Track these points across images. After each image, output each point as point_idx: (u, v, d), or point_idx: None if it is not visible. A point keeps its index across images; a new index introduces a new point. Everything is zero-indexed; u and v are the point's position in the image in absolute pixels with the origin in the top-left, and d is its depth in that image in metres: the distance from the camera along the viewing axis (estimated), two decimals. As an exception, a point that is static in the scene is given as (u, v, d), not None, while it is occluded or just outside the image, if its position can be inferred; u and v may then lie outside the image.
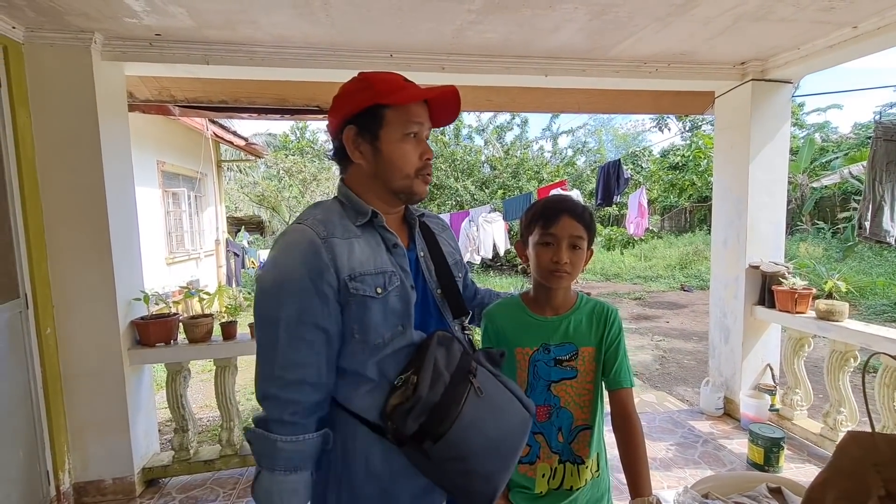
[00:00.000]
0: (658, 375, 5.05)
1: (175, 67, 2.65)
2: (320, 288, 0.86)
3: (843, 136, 14.02)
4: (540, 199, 1.25)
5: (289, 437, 0.86)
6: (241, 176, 14.49)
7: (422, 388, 0.85)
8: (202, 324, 2.67)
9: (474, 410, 0.87)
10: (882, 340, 2.46)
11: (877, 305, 7.52)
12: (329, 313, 0.87)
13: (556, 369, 1.18)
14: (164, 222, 6.68)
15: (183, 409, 2.71)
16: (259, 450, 0.88)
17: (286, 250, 0.89)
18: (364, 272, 0.89)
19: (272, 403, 0.87)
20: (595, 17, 2.28)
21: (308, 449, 0.88)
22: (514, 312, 1.23)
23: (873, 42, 2.46)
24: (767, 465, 2.64)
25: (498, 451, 0.90)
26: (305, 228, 0.89)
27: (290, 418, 0.86)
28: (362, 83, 0.96)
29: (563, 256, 1.11)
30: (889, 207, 2.60)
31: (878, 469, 0.72)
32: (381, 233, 0.96)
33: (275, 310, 0.86)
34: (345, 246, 0.89)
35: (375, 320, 0.89)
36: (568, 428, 1.19)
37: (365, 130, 0.94)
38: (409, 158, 0.95)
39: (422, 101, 0.97)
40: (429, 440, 0.83)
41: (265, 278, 0.89)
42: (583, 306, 1.22)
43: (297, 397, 0.87)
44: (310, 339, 0.86)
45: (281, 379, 0.86)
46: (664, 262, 12.61)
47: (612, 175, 4.86)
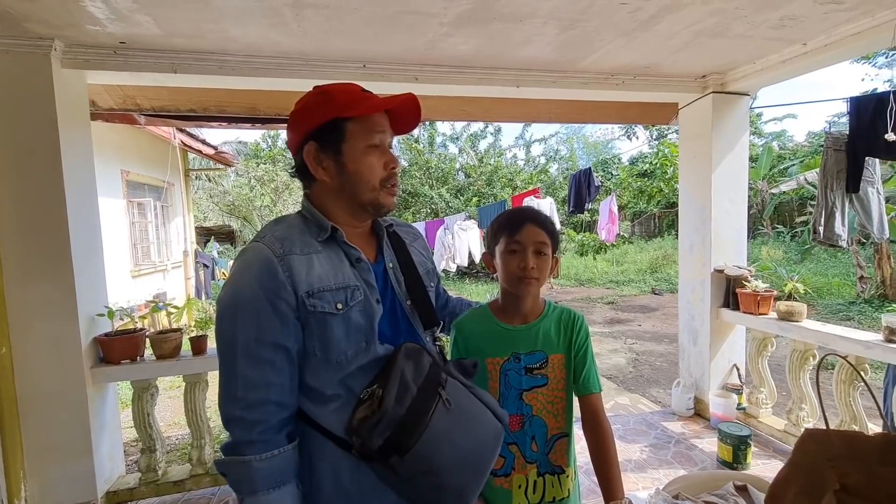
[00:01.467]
0: (632, 378, 5.17)
1: (141, 76, 2.58)
2: (277, 306, 0.84)
3: (799, 145, 14.81)
4: (503, 212, 1.28)
5: (262, 454, 0.84)
6: (211, 185, 14.13)
7: (387, 401, 0.83)
8: (170, 339, 2.59)
9: (443, 423, 0.86)
10: (837, 339, 2.59)
11: (832, 305, 7.92)
12: (289, 332, 0.86)
13: (527, 377, 1.19)
14: (128, 233, 6.44)
15: (150, 428, 2.61)
16: (236, 478, 0.85)
17: (242, 270, 0.88)
18: (323, 288, 0.88)
19: (238, 426, 0.85)
20: (563, 31, 2.35)
21: (285, 463, 0.86)
22: (482, 322, 1.24)
23: (822, 58, 2.62)
24: (736, 463, 2.73)
25: (469, 464, 0.89)
26: (262, 247, 0.88)
27: (258, 437, 0.85)
28: (320, 96, 0.94)
29: (530, 262, 1.13)
30: (840, 213, 2.76)
31: (832, 464, 0.76)
32: (344, 248, 0.94)
33: (232, 331, 0.85)
34: (303, 262, 0.88)
35: (337, 337, 0.88)
36: (543, 437, 1.20)
37: (327, 146, 0.92)
38: (374, 170, 0.94)
39: (382, 111, 0.96)
40: (395, 455, 0.82)
41: (222, 299, 0.88)
42: (550, 314, 1.24)
43: (262, 417, 0.85)
44: (269, 359, 0.85)
45: (244, 400, 0.84)
46: (635, 266, 12.95)
47: (584, 183, 4.98)
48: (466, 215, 6.51)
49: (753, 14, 2.24)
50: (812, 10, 2.21)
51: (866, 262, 8.12)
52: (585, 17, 2.21)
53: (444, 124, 14.72)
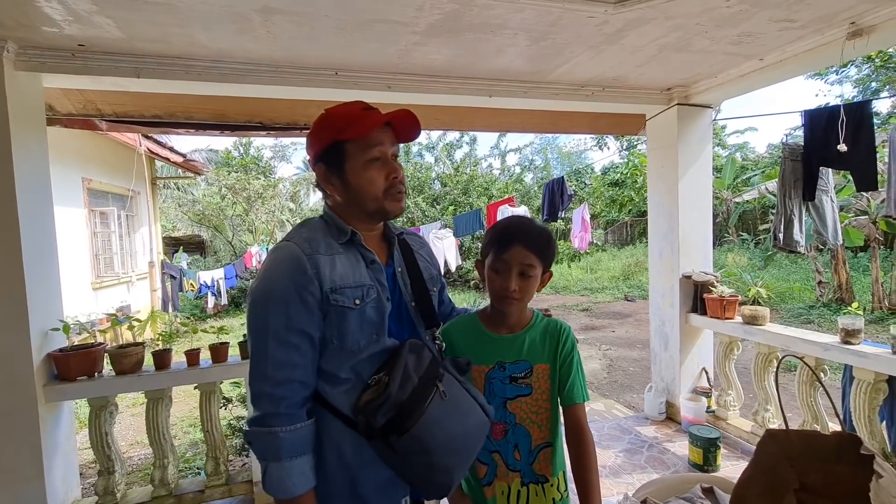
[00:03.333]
0: (606, 384, 5.24)
1: (101, 80, 2.49)
2: (305, 298, 0.96)
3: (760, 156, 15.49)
4: (499, 222, 1.27)
5: (287, 426, 0.95)
6: (180, 194, 13.73)
7: (392, 387, 0.95)
8: (131, 353, 2.47)
9: (438, 411, 0.97)
10: (798, 341, 2.69)
11: (794, 309, 8.26)
12: (313, 321, 0.97)
13: (512, 386, 1.19)
14: (89, 244, 6.17)
15: (108, 449, 2.47)
16: (262, 446, 0.96)
17: (275, 265, 1.00)
18: (344, 285, 0.99)
19: (268, 400, 0.96)
20: (534, 42, 2.40)
21: (306, 435, 0.98)
22: (470, 330, 1.25)
23: (777, 73, 2.75)
24: (706, 465, 2.78)
25: (457, 448, 1.01)
26: (293, 245, 1.00)
27: (285, 411, 0.96)
28: (322, 122, 1.06)
29: (512, 285, 1.13)
30: (798, 220, 2.89)
31: (792, 463, 0.78)
32: (361, 251, 1.06)
33: (264, 318, 0.97)
34: (327, 261, 1.00)
35: (352, 328, 0.99)
36: (527, 447, 1.20)
37: (332, 166, 1.05)
38: (375, 183, 1.04)
39: (382, 125, 1.05)
40: (395, 434, 0.93)
41: (256, 290, 0.99)
42: (537, 324, 1.25)
43: (288, 394, 0.96)
44: (296, 343, 0.96)
45: (273, 378, 0.95)
46: (609, 273, 13.22)
47: (557, 192, 5.07)
48: (442, 224, 6.52)
49: (713, 30, 2.33)
50: (767, 27, 2.32)
51: (824, 268, 8.51)
52: (555, 29, 2.25)
53: (419, 134, 14.75)
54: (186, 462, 3.60)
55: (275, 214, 12.27)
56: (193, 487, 2.63)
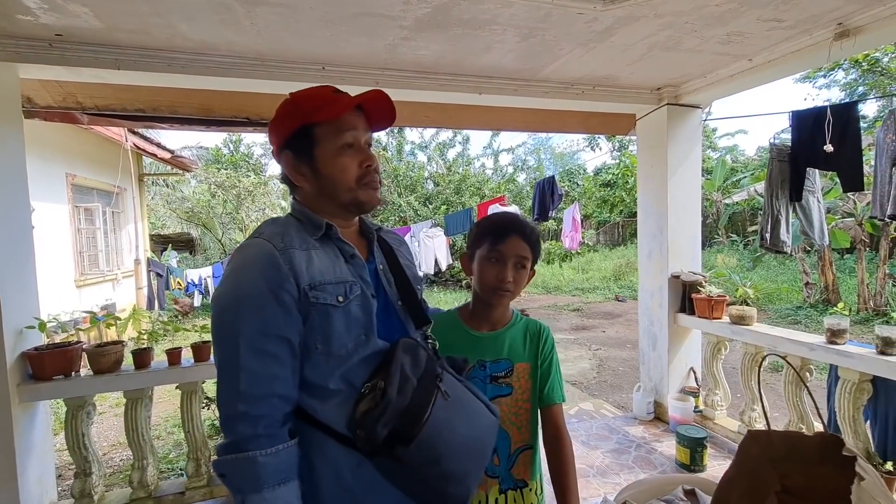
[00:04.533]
0: (595, 384, 5.24)
1: (80, 71, 2.43)
2: (281, 298, 0.85)
3: (750, 158, 15.65)
4: (491, 215, 1.26)
5: (267, 448, 0.82)
6: (169, 191, 13.55)
7: (390, 392, 0.85)
8: (109, 352, 2.41)
9: (444, 412, 0.88)
10: (785, 341, 2.70)
11: (782, 310, 8.33)
12: (292, 323, 0.86)
13: (492, 386, 1.17)
14: (73, 241, 6.05)
15: (85, 450, 2.41)
16: (238, 476, 0.82)
17: (243, 264, 0.88)
18: (325, 281, 0.89)
19: (242, 421, 0.83)
20: (523, 39, 2.37)
21: (289, 458, 0.85)
22: (449, 328, 1.23)
23: (766, 73, 2.76)
24: (693, 465, 2.78)
25: (470, 451, 0.92)
26: (262, 241, 0.89)
27: (263, 431, 0.83)
28: (289, 105, 0.97)
29: (508, 275, 1.13)
30: (785, 220, 2.90)
31: (774, 465, 0.76)
32: (339, 244, 0.97)
33: (234, 325, 0.84)
34: (303, 256, 0.89)
35: (338, 330, 0.89)
36: (506, 451, 1.18)
37: (301, 153, 0.95)
38: (348, 170, 0.95)
39: (354, 109, 0.97)
40: (401, 445, 0.83)
41: (222, 294, 0.87)
42: (518, 323, 1.24)
43: (267, 411, 0.84)
44: (274, 352, 0.85)
45: (248, 394, 0.83)
46: (600, 273, 13.27)
47: (547, 191, 5.06)
48: (433, 223, 6.49)
49: (703, 29, 2.32)
50: (756, 27, 2.32)
51: (811, 269, 8.61)
52: (544, 25, 2.23)
53: (412, 132, 14.71)
54: (170, 463, 3.53)
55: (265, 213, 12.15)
56: (174, 489, 2.57)
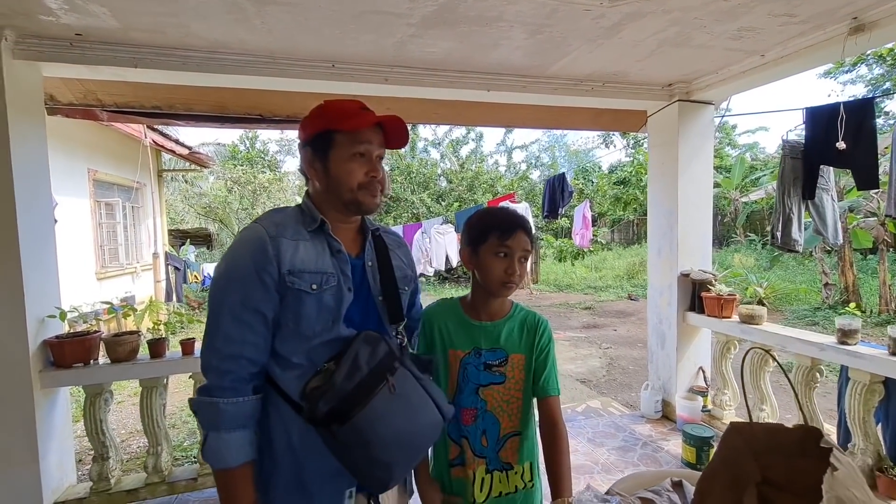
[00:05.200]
0: (604, 382, 5.22)
1: (100, 70, 2.51)
2: (263, 278, 0.98)
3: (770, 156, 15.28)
4: (489, 210, 1.29)
5: (229, 398, 0.97)
6: (187, 186, 13.83)
7: (337, 375, 0.96)
8: (126, 342, 2.50)
9: (384, 405, 0.98)
10: (794, 341, 2.66)
11: (799, 310, 8.16)
12: (269, 300, 0.99)
13: (486, 373, 1.21)
14: (94, 234, 6.24)
15: (103, 436, 2.51)
16: (204, 415, 0.99)
17: (239, 245, 1.03)
18: (303, 270, 1.01)
19: (213, 372, 0.99)
20: (531, 35, 2.38)
21: (248, 409, 0.99)
22: (450, 314, 1.28)
23: (779, 69, 2.71)
24: (699, 464, 2.76)
25: (401, 444, 1.00)
26: (259, 227, 1.03)
27: (229, 384, 0.98)
28: (319, 110, 1.10)
29: (517, 269, 1.18)
30: (797, 219, 2.84)
31: (756, 457, 0.77)
32: (328, 239, 1.08)
33: (222, 294, 1.00)
34: (291, 245, 1.02)
35: (308, 313, 1.01)
36: (495, 435, 1.21)
37: (318, 152, 1.08)
38: (353, 175, 1.06)
39: (374, 126, 1.09)
40: (336, 423, 0.94)
41: (218, 268, 1.03)
42: (516, 315, 1.27)
43: (234, 368, 0.98)
44: (249, 321, 0.99)
45: (220, 351, 0.98)
46: (613, 272, 13.14)
47: (558, 188, 5.03)
48: (444, 219, 6.51)
49: (712, 24, 2.30)
50: (768, 22, 2.28)
51: (831, 270, 8.40)
52: (551, 22, 2.23)
53: (425, 129, 14.74)
54: (184, 451, 3.64)
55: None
56: (187, 475, 2.66)
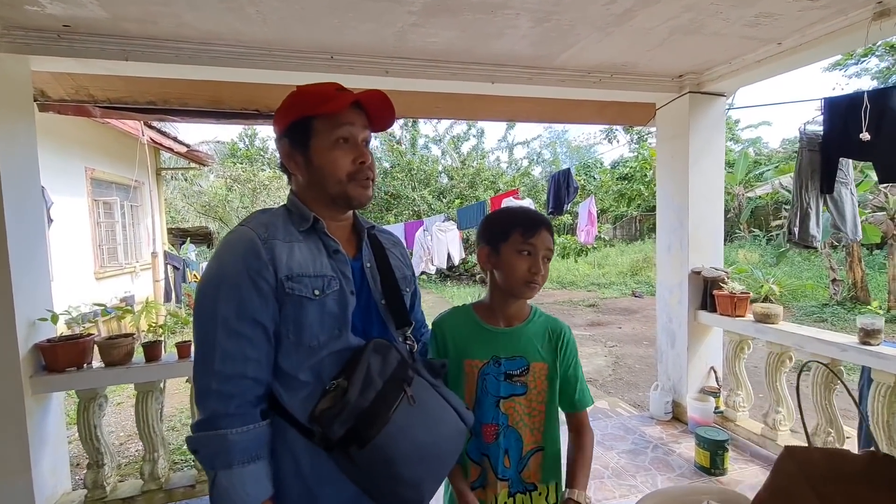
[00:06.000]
0: (611, 381, 5.13)
1: (90, 63, 2.41)
2: (259, 284, 0.87)
3: (774, 151, 15.13)
4: (508, 208, 1.22)
5: (239, 427, 0.85)
6: (186, 185, 13.76)
7: (351, 392, 0.86)
8: (120, 345, 2.41)
9: (405, 418, 0.88)
10: (813, 341, 2.56)
11: (806, 307, 8.05)
12: (268, 309, 0.88)
13: (506, 384, 1.13)
14: (92, 234, 6.16)
15: (97, 442, 2.43)
16: (210, 452, 0.85)
17: (227, 249, 0.91)
18: (302, 274, 0.91)
19: (215, 398, 0.86)
20: (537, 23, 2.27)
21: (261, 437, 0.88)
22: (465, 321, 1.19)
23: (796, 58, 2.60)
24: (714, 468, 2.67)
25: (427, 459, 0.91)
26: (247, 230, 0.92)
27: (235, 410, 0.86)
28: (293, 97, 0.99)
29: (542, 268, 1.10)
30: (815, 214, 2.74)
31: (813, 485, 0.68)
32: (323, 239, 0.98)
33: (213, 305, 0.87)
34: (285, 248, 0.91)
35: (310, 322, 0.90)
36: (517, 453, 1.13)
37: (297, 143, 0.97)
38: (339, 164, 0.96)
39: (354, 107, 0.98)
40: (355, 445, 0.83)
41: (204, 276, 0.91)
42: (536, 319, 1.19)
43: (239, 390, 0.86)
44: (248, 334, 0.87)
45: (221, 373, 0.86)
46: (616, 269, 13.03)
47: (563, 184, 4.94)
48: (446, 216, 6.42)
49: (728, 10, 2.19)
50: (787, 7, 2.17)
51: (838, 265, 8.29)
52: (559, 9, 2.13)
53: (426, 126, 14.63)
54: (183, 454, 3.56)
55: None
56: (184, 482, 2.58)
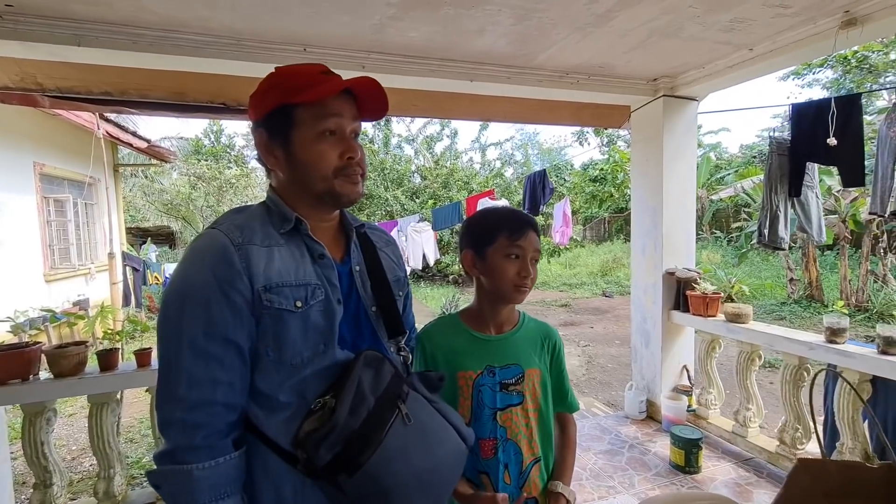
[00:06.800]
0: (585, 381, 5.18)
1: (37, 48, 2.22)
2: (231, 297, 0.77)
3: (733, 156, 15.80)
4: (492, 209, 1.16)
5: (206, 462, 0.75)
6: (147, 182, 13.13)
7: (339, 412, 0.77)
8: (71, 354, 2.22)
9: (400, 439, 0.79)
10: (782, 340, 2.63)
11: (766, 305, 8.41)
12: (242, 326, 0.78)
13: (502, 394, 1.08)
14: (42, 233, 5.76)
15: (45, 460, 2.23)
16: (172, 489, 0.75)
17: (194, 257, 0.80)
18: (283, 283, 0.81)
19: (178, 429, 0.76)
20: (518, 21, 2.24)
21: (231, 471, 0.78)
22: (453, 332, 1.13)
23: (767, 64, 2.67)
24: (688, 466, 2.71)
25: (424, 485, 0.81)
26: (218, 233, 0.81)
27: (202, 442, 0.76)
28: (271, 80, 0.88)
29: (532, 270, 1.06)
30: (783, 216, 2.83)
31: (828, 499, 0.65)
32: (307, 242, 0.87)
33: (177, 322, 0.77)
34: (263, 254, 0.81)
35: (293, 337, 0.80)
36: (518, 467, 1.08)
37: (276, 133, 0.86)
38: (325, 158, 0.85)
39: (342, 94, 0.87)
40: (344, 473, 0.74)
41: (169, 289, 0.81)
42: (526, 324, 1.16)
43: (206, 419, 0.76)
44: (219, 355, 0.77)
45: (186, 400, 0.75)
46: (587, 269, 13.28)
47: (538, 185, 4.95)
48: (420, 217, 6.34)
49: (706, 14, 2.22)
50: (761, 13, 2.22)
51: (795, 265, 8.69)
52: (541, 6, 2.10)
53: (399, 125, 14.49)
54: (142, 468, 3.35)
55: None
56: (143, 499, 2.41)
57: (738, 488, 2.55)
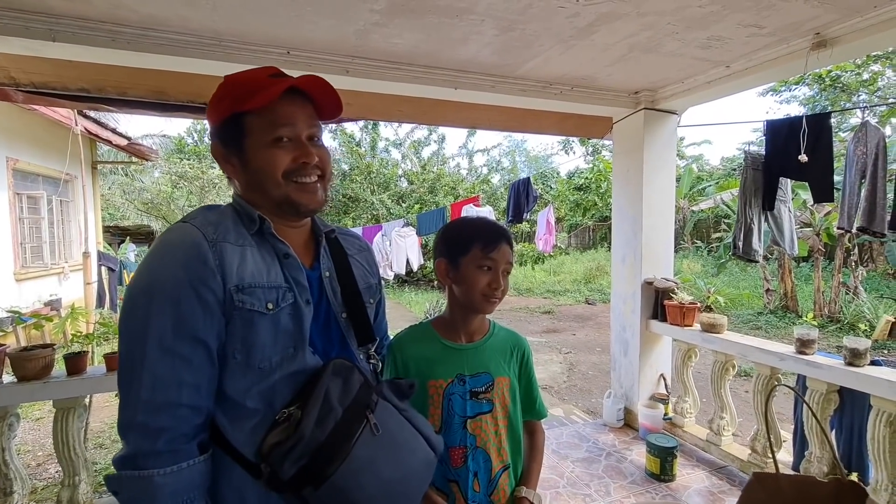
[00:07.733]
0: (566, 388, 5.20)
1: (10, 42, 2.15)
2: (202, 295, 0.74)
3: (714, 168, 16.18)
4: (466, 219, 1.17)
5: (168, 467, 0.72)
6: (127, 180, 12.86)
7: (305, 424, 0.74)
8: (36, 357, 2.16)
9: (368, 450, 0.77)
10: (755, 350, 2.69)
11: (743, 315, 8.59)
12: (212, 325, 0.76)
13: (472, 402, 1.09)
14: (14, 230, 5.59)
15: (6, 467, 2.15)
16: (131, 496, 0.72)
17: (165, 251, 0.77)
18: (255, 284, 0.79)
19: (140, 433, 0.72)
20: (502, 32, 2.26)
21: (195, 477, 0.74)
22: (424, 341, 1.13)
23: (742, 81, 2.74)
24: (663, 474, 2.74)
25: (394, 496, 0.80)
26: (191, 228, 0.78)
27: (164, 447, 0.72)
28: (220, 90, 0.87)
29: (502, 283, 1.07)
30: (757, 229, 2.90)
31: (782, 513, 0.66)
32: (272, 241, 0.86)
33: (143, 320, 0.73)
34: (236, 253, 0.79)
35: (262, 340, 0.78)
36: (487, 475, 1.09)
37: (230, 143, 0.86)
38: (277, 164, 0.84)
39: (295, 96, 0.86)
40: (310, 486, 0.73)
41: (135, 284, 0.76)
42: (496, 333, 1.17)
43: (170, 423, 0.73)
44: (186, 355, 0.74)
45: (149, 403, 0.72)
46: (571, 276, 13.40)
47: (522, 192, 4.99)
48: (405, 222, 6.33)
49: (684, 31, 2.27)
50: (736, 32, 2.28)
51: (772, 276, 8.90)
52: (524, 18, 2.13)
53: (386, 129, 14.49)
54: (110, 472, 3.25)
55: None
56: (110, 508, 2.34)
57: (710, 497, 2.58)
